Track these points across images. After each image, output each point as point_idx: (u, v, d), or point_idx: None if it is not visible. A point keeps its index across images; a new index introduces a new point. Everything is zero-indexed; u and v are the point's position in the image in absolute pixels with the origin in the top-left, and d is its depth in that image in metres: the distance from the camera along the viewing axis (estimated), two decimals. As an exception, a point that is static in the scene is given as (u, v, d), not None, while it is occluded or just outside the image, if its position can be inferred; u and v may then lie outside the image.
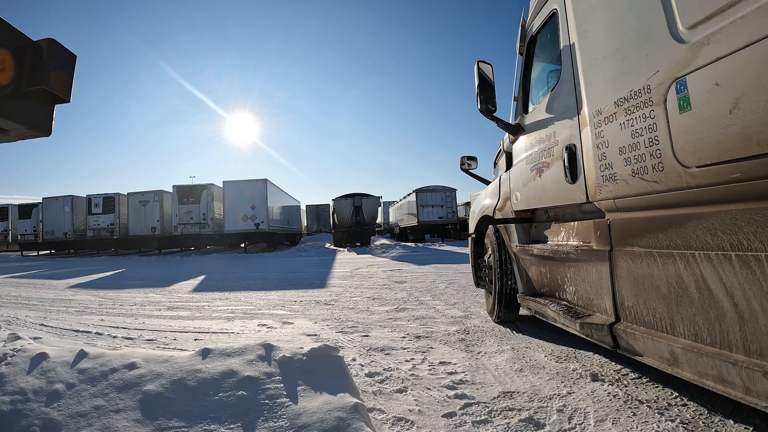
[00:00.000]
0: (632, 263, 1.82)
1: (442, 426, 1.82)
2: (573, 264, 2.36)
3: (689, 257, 1.51)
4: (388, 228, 35.08)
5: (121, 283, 8.41)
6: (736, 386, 1.31)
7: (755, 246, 1.26)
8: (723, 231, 1.38)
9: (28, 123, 1.39)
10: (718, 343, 1.42)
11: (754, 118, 1.19)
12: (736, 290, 1.34)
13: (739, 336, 1.34)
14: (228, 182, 17.85)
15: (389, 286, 6.30)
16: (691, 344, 1.52)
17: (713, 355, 1.40)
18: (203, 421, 1.50)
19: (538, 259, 2.80)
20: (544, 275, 2.78)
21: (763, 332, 1.24)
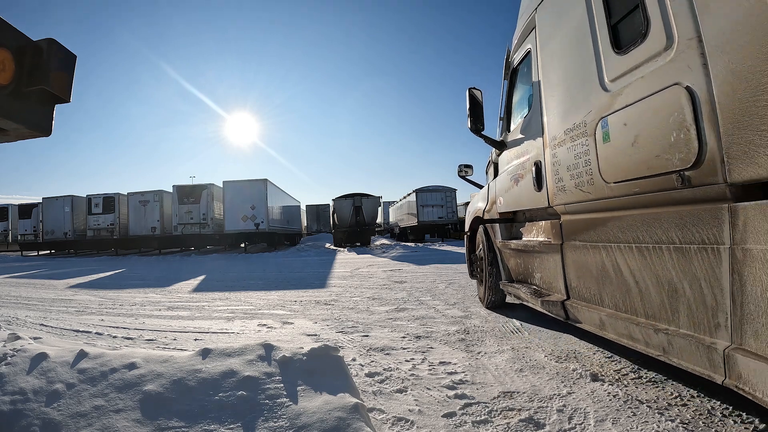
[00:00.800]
0: (575, 253, 2.40)
1: (442, 426, 1.82)
2: (538, 255, 2.94)
3: (608, 248, 2.05)
4: (388, 228, 35.08)
5: (121, 283, 8.42)
6: (640, 341, 1.85)
7: (646, 240, 1.79)
8: (628, 229, 1.91)
9: (28, 123, 1.39)
10: (629, 311, 1.96)
11: (646, 149, 1.69)
12: (636, 272, 1.87)
13: (640, 305, 1.87)
14: (228, 182, 17.84)
15: (389, 286, 6.30)
16: (612, 312, 2.07)
17: (625, 320, 1.94)
18: (203, 421, 1.50)
19: (516, 252, 3.39)
20: (519, 265, 3.38)
21: (654, 301, 1.77)
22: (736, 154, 1.34)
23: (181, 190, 18.46)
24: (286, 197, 22.75)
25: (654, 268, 1.77)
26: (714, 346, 1.46)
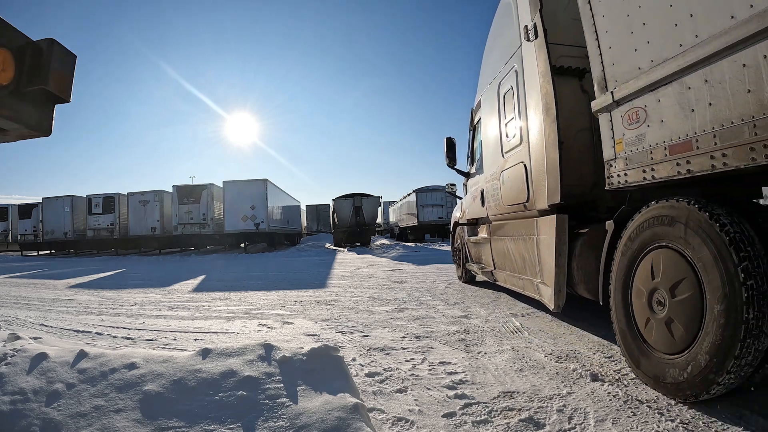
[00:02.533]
0: (495, 243, 4.46)
1: (442, 426, 1.82)
2: (483, 245, 5.00)
3: (505, 239, 4.09)
4: (388, 228, 35.07)
5: (121, 283, 8.42)
6: (516, 285, 3.86)
7: (515, 234, 3.82)
8: (510, 229, 3.94)
9: (28, 123, 1.39)
10: (512, 270, 3.96)
11: (514, 191, 3.68)
12: (513, 251, 3.87)
13: (514, 267, 3.87)
14: (228, 182, 17.83)
15: (389, 286, 6.30)
16: (510, 273, 4.02)
17: (511, 275, 3.99)
18: (203, 421, 1.50)
19: (473, 244, 5.46)
20: (476, 252, 5.45)
21: (518, 264, 3.73)
22: (535, 198, 3.27)
23: (181, 190, 18.44)
24: (286, 197, 22.75)
25: (518, 248, 3.80)
26: (534, 281, 3.36)
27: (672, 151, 1.97)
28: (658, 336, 2.01)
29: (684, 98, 1.87)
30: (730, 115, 1.63)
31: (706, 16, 1.70)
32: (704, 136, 1.77)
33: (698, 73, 1.77)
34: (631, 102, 2.22)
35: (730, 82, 1.62)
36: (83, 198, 20.47)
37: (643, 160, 2.16)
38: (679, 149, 1.93)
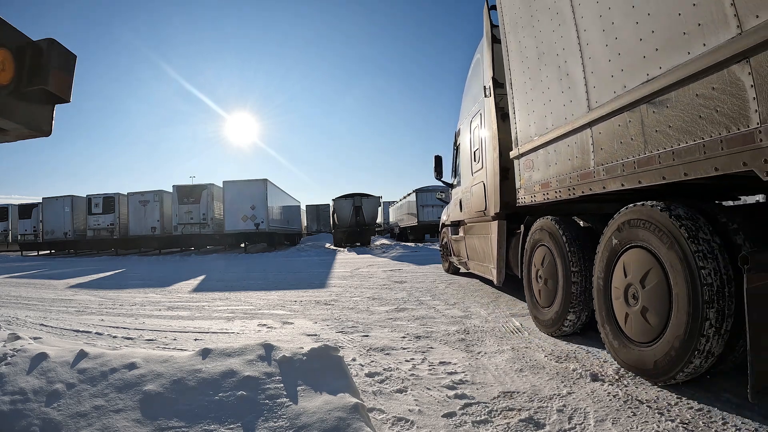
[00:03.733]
0: (468, 240, 5.85)
1: (442, 426, 1.82)
2: (460, 242, 6.28)
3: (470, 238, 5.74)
4: (388, 228, 35.06)
5: (121, 283, 8.42)
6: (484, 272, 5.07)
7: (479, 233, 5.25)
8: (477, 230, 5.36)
9: (28, 123, 1.39)
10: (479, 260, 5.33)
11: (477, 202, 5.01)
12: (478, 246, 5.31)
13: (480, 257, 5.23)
14: (228, 182, 17.82)
15: (389, 286, 6.30)
16: (477, 262, 5.45)
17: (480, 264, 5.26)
18: (203, 421, 1.50)
19: (455, 241, 6.77)
20: (456, 247, 6.75)
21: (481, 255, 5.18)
22: (489, 208, 4.54)
23: (181, 190, 18.43)
24: (286, 197, 22.74)
25: (481, 243, 5.12)
26: (489, 266, 4.72)
27: (542, 188, 3.37)
28: (544, 298, 3.34)
29: (547, 158, 3.27)
30: (563, 170, 3.03)
31: (556, 116, 3.07)
32: (553, 180, 3.18)
33: (551, 146, 3.18)
34: (527, 156, 3.64)
35: (565, 152, 3.01)
36: (83, 198, 20.46)
37: (530, 190, 3.62)
38: (544, 186, 3.33)
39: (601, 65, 2.50)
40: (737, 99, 1.61)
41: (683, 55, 1.86)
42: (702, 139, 1.79)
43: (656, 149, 2.06)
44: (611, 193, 2.57)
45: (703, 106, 1.79)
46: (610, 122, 2.42)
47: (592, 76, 2.59)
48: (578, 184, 2.83)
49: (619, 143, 2.36)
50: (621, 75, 2.30)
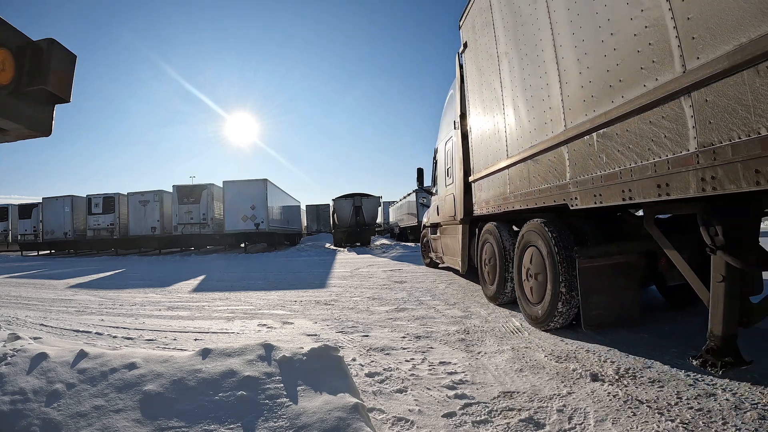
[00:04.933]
0: (443, 239, 7.11)
1: (442, 426, 1.82)
2: (437, 240, 7.61)
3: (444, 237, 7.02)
4: (388, 228, 35.05)
5: (121, 283, 8.42)
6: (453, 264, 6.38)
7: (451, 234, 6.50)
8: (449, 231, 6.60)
9: (28, 123, 1.39)
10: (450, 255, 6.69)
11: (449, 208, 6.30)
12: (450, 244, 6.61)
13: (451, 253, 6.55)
14: (228, 182, 17.82)
15: (389, 286, 6.30)
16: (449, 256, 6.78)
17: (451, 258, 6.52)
18: (203, 421, 1.50)
19: (433, 240, 8.01)
20: (434, 245, 7.98)
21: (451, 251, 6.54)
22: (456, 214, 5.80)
23: (181, 190, 18.43)
24: (286, 197, 22.73)
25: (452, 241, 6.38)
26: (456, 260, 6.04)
27: (485, 204, 4.74)
28: (489, 278, 4.71)
29: (488, 185, 4.61)
30: (495, 194, 4.37)
31: (493, 158, 4.38)
32: (491, 200, 4.53)
33: (490, 177, 4.49)
34: (478, 181, 4.99)
35: (496, 182, 4.34)
36: (83, 198, 20.45)
37: (480, 205, 4.98)
38: (486, 203, 4.71)
39: (514, 132, 3.84)
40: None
41: (543, 135, 3.27)
42: (549, 184, 3.19)
43: (534, 186, 3.44)
44: (518, 211, 3.92)
45: (551, 167, 3.21)
46: (517, 167, 3.80)
47: (510, 137, 3.93)
48: (501, 204, 4.23)
49: (521, 180, 3.74)
50: (521, 142, 3.69)
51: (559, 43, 2.94)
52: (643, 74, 2.12)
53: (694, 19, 1.82)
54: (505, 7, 3.93)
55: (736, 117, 1.63)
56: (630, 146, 2.28)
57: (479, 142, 4.88)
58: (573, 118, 2.80)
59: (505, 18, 3.94)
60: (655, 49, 2.02)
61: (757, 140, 1.54)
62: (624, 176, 2.31)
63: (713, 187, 1.76)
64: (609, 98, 2.42)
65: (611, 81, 2.39)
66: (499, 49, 4.11)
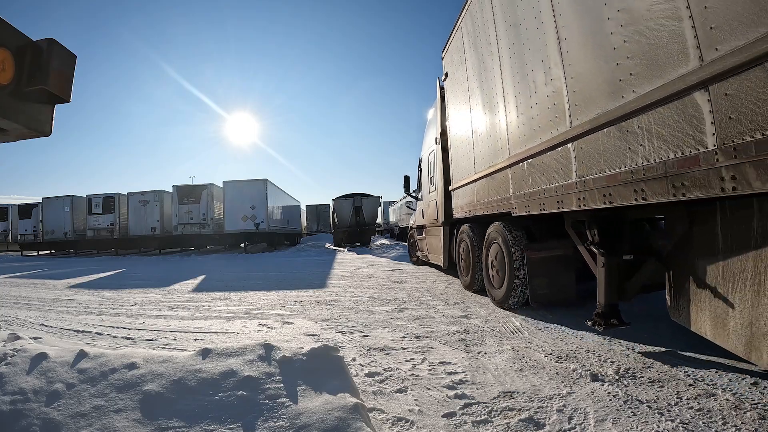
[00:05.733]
0: (427, 239, 8.13)
1: (442, 426, 1.82)
2: (422, 240, 8.63)
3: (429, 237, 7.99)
4: (388, 228, 35.06)
5: (121, 283, 8.42)
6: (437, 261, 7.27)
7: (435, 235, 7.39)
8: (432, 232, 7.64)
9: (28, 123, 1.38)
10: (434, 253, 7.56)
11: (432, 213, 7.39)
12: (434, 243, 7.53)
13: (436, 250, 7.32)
14: (228, 182, 17.82)
15: (389, 286, 6.30)
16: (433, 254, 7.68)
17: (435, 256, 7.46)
18: (203, 421, 1.50)
19: (418, 240, 9.02)
20: (420, 245, 8.94)
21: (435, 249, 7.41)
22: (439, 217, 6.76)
23: (181, 190, 18.43)
24: (286, 197, 22.74)
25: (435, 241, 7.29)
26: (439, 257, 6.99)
27: (461, 209, 5.65)
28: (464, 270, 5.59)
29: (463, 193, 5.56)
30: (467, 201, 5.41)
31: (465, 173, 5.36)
32: (465, 206, 5.50)
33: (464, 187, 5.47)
34: (455, 190, 5.89)
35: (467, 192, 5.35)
36: (83, 198, 20.45)
37: (457, 210, 5.89)
38: (461, 209, 5.65)
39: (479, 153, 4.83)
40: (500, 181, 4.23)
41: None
42: (500, 196, 4.23)
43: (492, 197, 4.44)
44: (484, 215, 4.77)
45: (498, 183, 4.32)
46: (481, 181, 4.76)
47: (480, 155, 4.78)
48: (471, 209, 5.22)
49: (483, 191, 4.73)
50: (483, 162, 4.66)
51: (506, 91, 3.89)
52: (551, 125, 3.07)
53: (578, 92, 2.70)
54: (473, 51, 4.91)
55: (599, 159, 2.51)
56: (543, 174, 3.23)
57: (456, 157, 5.90)
58: (513, 149, 3.78)
59: (473, 61, 4.92)
60: (556, 112, 2.98)
61: (603, 177, 2.46)
62: (540, 194, 3.29)
63: (584, 204, 2.69)
64: (534, 138, 3.35)
65: (534, 126, 3.33)
66: (470, 84, 5.06)
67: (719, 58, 1.63)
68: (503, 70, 3.92)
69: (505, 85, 3.88)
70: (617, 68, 2.26)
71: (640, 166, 2.16)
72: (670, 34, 1.88)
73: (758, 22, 1.49)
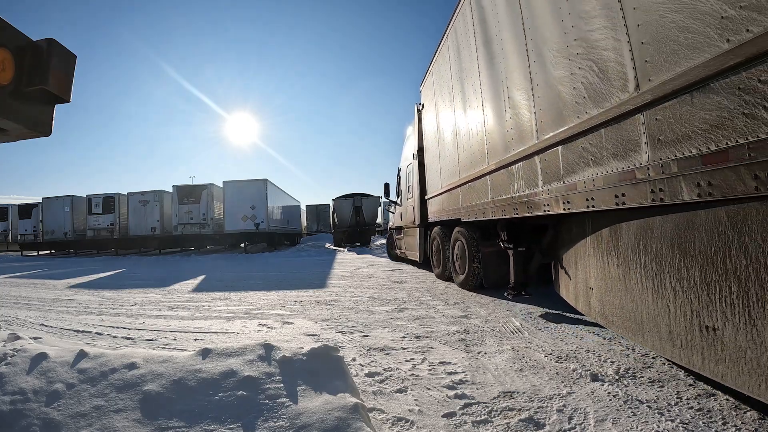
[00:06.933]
0: (406, 238, 9.39)
1: (442, 426, 1.82)
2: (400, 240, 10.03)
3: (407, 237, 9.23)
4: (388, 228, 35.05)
5: (121, 283, 8.42)
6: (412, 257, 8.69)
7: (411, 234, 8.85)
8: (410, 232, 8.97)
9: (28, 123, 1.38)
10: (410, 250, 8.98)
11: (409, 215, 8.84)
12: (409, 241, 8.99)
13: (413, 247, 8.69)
14: (228, 182, 17.82)
15: (389, 286, 6.30)
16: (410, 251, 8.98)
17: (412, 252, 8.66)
18: (203, 421, 1.50)
19: (398, 239, 10.35)
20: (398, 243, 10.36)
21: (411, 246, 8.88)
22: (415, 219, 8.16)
23: (181, 190, 18.43)
24: (286, 197, 22.74)
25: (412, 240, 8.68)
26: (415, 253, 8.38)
27: (434, 214, 7.10)
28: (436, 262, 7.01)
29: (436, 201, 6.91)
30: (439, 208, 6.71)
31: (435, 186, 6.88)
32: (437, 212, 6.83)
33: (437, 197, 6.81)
34: (430, 199, 7.28)
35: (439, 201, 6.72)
36: (83, 198, 20.45)
37: (432, 214, 7.24)
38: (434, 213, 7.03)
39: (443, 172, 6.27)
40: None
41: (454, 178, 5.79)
42: (455, 206, 5.73)
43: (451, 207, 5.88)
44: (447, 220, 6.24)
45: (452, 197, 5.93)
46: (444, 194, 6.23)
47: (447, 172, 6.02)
48: (440, 215, 6.59)
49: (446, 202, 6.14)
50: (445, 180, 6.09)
51: (457, 133, 5.42)
52: (480, 162, 4.54)
53: (489, 146, 4.26)
54: (439, 101, 6.50)
55: (499, 187, 4.00)
56: (476, 193, 4.74)
57: (429, 173, 7.36)
58: (462, 173, 5.24)
59: (439, 107, 6.46)
60: (481, 155, 4.51)
61: (501, 198, 3.91)
62: (475, 207, 4.75)
63: (494, 215, 4.13)
64: (471, 169, 4.83)
65: (472, 160, 4.84)
66: (439, 118, 6.54)
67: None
68: (457, 122, 5.45)
69: (457, 129, 5.43)
70: (506, 134, 3.73)
71: (515, 194, 3.57)
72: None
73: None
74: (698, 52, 1.66)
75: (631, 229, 2.24)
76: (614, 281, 2.42)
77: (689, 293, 1.79)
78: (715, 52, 1.58)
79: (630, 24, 2.06)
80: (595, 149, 2.37)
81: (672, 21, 1.79)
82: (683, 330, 1.85)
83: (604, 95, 2.28)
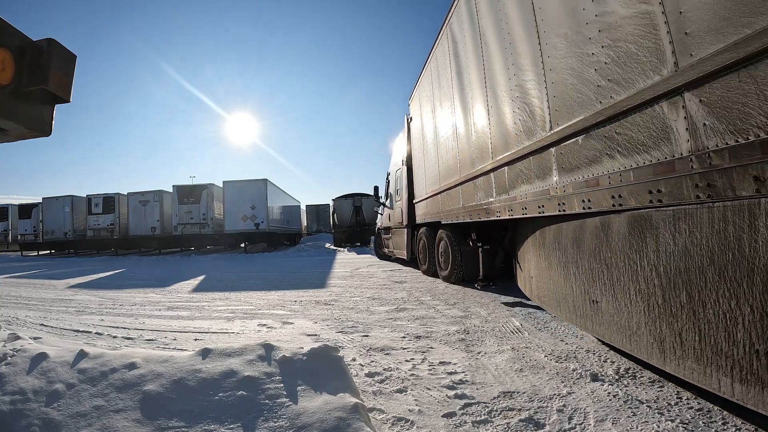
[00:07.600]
0: (394, 237, 9.99)
1: (442, 426, 1.82)
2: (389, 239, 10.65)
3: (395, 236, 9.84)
4: (388, 228, 35.03)
5: (121, 283, 8.41)
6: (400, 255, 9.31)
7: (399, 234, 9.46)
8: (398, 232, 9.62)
9: (28, 123, 1.39)
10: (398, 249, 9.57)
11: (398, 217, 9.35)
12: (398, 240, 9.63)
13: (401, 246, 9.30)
14: (228, 182, 17.82)
15: (389, 286, 6.30)
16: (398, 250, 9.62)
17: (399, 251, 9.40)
18: (203, 421, 1.50)
19: (386, 239, 11.05)
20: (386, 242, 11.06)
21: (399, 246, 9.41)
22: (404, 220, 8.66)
23: (181, 190, 18.43)
24: (286, 197, 22.73)
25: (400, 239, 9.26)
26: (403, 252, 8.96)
27: (420, 216, 7.82)
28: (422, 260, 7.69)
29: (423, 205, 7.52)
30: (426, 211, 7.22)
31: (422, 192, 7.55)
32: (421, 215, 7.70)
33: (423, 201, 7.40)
34: (418, 203, 7.90)
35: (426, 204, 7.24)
36: (83, 198, 20.45)
37: (419, 216, 7.86)
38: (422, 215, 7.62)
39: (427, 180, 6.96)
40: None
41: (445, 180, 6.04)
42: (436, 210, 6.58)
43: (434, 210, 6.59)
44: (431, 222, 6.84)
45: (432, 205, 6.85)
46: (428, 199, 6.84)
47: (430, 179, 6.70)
48: (426, 217, 7.15)
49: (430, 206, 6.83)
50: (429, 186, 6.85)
51: (438, 145, 6.11)
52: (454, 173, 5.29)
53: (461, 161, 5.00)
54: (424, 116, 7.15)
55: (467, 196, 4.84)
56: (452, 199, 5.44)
57: (416, 178, 8.01)
58: (442, 182, 5.92)
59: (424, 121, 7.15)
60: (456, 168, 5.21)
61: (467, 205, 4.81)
62: (452, 211, 5.43)
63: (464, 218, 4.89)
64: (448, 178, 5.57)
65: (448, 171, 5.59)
66: (424, 132, 7.17)
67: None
68: (438, 137, 6.15)
69: (438, 143, 6.14)
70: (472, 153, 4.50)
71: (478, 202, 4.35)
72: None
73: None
74: (584, 108, 2.28)
75: (551, 231, 2.95)
76: (543, 270, 3.13)
77: (583, 277, 2.47)
78: (594, 110, 2.19)
79: (548, 80, 2.69)
80: (528, 171, 3.10)
81: (570, 84, 2.41)
82: (581, 304, 2.51)
83: (533, 131, 2.97)
